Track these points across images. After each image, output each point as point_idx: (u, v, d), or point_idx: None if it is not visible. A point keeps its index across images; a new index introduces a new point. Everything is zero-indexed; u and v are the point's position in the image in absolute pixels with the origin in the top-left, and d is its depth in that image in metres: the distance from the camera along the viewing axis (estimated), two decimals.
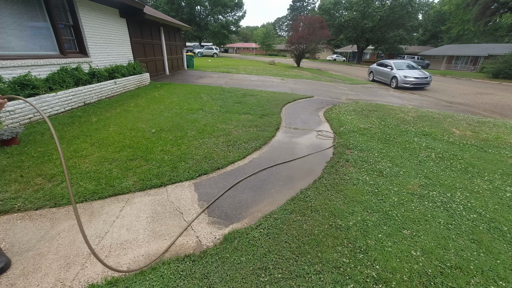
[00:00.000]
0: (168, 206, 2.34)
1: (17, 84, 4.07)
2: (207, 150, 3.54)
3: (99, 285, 1.53)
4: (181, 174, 2.87)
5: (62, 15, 5.51)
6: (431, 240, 2.02)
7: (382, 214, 2.32)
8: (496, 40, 31.37)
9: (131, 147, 3.44)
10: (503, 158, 3.78)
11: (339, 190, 2.69)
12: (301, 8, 61.86)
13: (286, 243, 1.92)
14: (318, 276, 1.65)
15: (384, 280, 1.63)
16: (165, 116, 4.97)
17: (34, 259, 1.69)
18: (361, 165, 3.32)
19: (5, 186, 2.42)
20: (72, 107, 5.07)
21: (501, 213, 2.41)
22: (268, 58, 39.07)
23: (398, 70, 12.39)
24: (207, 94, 7.41)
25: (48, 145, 3.34)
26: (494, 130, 5.27)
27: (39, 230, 1.95)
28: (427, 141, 4.39)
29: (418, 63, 30.21)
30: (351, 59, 46.28)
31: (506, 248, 1.97)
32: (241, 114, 5.49)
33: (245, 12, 41.42)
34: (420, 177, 3.06)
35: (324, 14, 34.22)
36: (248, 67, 18.65)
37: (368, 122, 5.39)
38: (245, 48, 65.68)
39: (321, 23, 21.44)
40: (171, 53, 12.17)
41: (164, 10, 32.90)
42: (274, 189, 2.73)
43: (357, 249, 1.89)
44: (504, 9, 20.97)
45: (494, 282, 1.66)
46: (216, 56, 33.61)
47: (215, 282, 1.57)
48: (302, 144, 4.10)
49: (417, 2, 32.73)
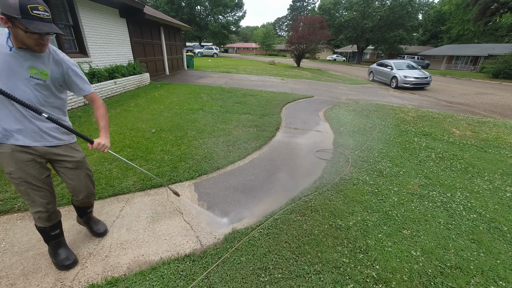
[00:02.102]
0: (168, 206, 2.34)
1: None
2: (207, 150, 3.54)
3: (99, 285, 1.52)
4: (181, 174, 2.87)
5: (62, 15, 5.51)
6: (431, 240, 2.02)
7: (382, 214, 2.32)
8: (496, 40, 31.36)
9: (131, 147, 3.44)
10: (503, 158, 3.78)
11: (339, 190, 2.69)
12: (301, 8, 61.89)
13: (286, 243, 1.92)
14: (318, 276, 1.65)
15: (384, 280, 1.63)
16: (165, 116, 4.97)
17: (34, 259, 1.69)
18: (361, 165, 3.32)
19: (5, 186, 2.42)
20: (72, 107, 5.07)
21: (501, 213, 2.41)
22: (268, 58, 39.08)
23: (398, 70, 12.39)
24: (207, 94, 7.41)
25: None
26: (494, 130, 5.27)
27: None
28: (427, 141, 4.39)
29: (418, 63, 30.19)
30: (351, 59, 46.28)
31: (506, 248, 1.97)
32: (241, 114, 5.49)
33: (245, 12, 41.48)
34: (420, 177, 3.06)
35: (324, 14, 34.22)
36: (248, 67, 18.65)
37: (368, 122, 5.39)
38: (245, 48, 65.71)
39: (321, 23, 21.45)
40: (171, 53, 12.17)
41: (164, 10, 32.92)
42: (274, 189, 2.73)
43: (357, 249, 1.89)
44: (504, 9, 20.95)
45: (494, 282, 1.66)
46: (216, 56, 33.61)
47: (215, 282, 1.57)
48: (302, 144, 4.10)
49: (417, 2, 32.72)
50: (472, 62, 28.62)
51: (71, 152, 1.48)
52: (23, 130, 1.29)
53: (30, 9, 1.07)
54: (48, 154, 1.39)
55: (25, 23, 1.07)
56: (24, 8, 1.06)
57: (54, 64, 1.31)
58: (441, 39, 41.01)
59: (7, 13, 1.06)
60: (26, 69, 1.21)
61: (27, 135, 1.30)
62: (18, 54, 1.19)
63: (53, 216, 1.51)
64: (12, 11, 1.05)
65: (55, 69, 1.31)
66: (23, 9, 1.06)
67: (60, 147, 1.43)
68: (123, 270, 1.65)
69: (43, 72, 1.26)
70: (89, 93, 1.47)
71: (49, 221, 1.49)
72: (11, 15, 1.06)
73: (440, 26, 40.06)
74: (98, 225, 1.93)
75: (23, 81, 1.22)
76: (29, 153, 1.33)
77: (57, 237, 1.60)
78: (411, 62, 13.49)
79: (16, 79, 1.20)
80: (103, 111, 1.54)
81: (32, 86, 1.25)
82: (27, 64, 1.21)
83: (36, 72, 1.24)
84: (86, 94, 1.46)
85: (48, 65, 1.28)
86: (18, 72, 1.20)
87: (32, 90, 1.25)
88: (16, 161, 1.30)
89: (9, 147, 1.29)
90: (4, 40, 1.18)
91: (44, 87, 1.29)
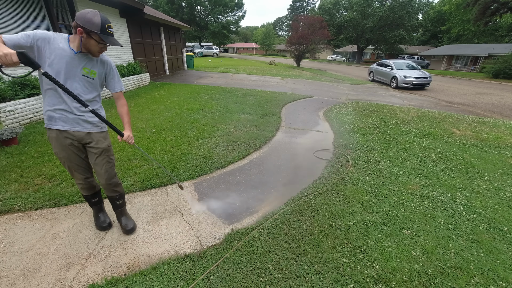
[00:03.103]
0: (168, 206, 2.34)
1: (17, 84, 4.07)
2: (207, 150, 3.54)
3: (99, 285, 1.52)
4: (181, 174, 2.87)
5: (62, 15, 5.52)
6: (431, 240, 2.02)
7: (382, 214, 2.32)
8: (496, 40, 31.35)
9: (131, 147, 3.44)
10: (503, 158, 3.78)
11: (339, 190, 2.69)
12: (301, 8, 61.85)
13: (286, 243, 1.92)
14: (318, 276, 1.65)
15: (384, 280, 1.63)
16: (165, 116, 4.97)
17: (34, 259, 1.69)
18: (361, 165, 3.32)
19: (5, 186, 2.42)
20: None
21: (501, 213, 2.41)
22: (268, 58, 39.05)
23: (398, 70, 12.39)
24: (207, 94, 7.41)
25: (48, 145, 3.34)
26: (494, 130, 5.27)
27: (39, 230, 1.95)
28: (427, 141, 4.39)
29: (418, 63, 30.19)
30: (351, 59, 46.28)
31: (506, 248, 1.97)
32: (241, 114, 5.49)
33: (245, 12, 41.47)
34: (420, 177, 3.06)
35: (324, 14, 34.22)
36: (248, 67, 18.65)
37: (368, 122, 5.39)
38: (245, 48, 65.67)
39: (321, 23, 21.43)
40: (171, 53, 12.17)
41: (164, 10, 32.90)
42: (274, 189, 2.73)
43: (357, 249, 1.89)
44: (504, 9, 20.95)
45: (494, 282, 1.66)
46: (216, 56, 33.60)
47: (215, 282, 1.57)
48: (302, 144, 4.10)
49: (417, 2, 32.73)
50: (472, 62, 28.61)
51: (99, 139, 1.69)
52: (65, 118, 1.54)
53: (107, 27, 1.42)
54: (83, 139, 1.63)
55: (102, 37, 1.41)
56: (103, 26, 1.40)
57: (100, 65, 1.59)
58: (441, 39, 41.00)
59: (88, 28, 1.36)
60: (80, 69, 1.49)
61: (68, 122, 1.55)
62: (77, 57, 1.47)
63: (91, 187, 1.85)
64: (94, 28, 1.37)
65: (101, 69, 1.60)
66: (103, 27, 1.40)
67: (92, 133, 1.65)
68: (123, 270, 1.65)
69: (93, 72, 1.55)
70: (120, 90, 1.74)
71: (88, 191, 1.85)
72: (92, 30, 1.37)
73: (440, 26, 40.05)
74: (128, 221, 2.01)
75: (77, 78, 1.49)
76: (68, 138, 1.59)
77: (97, 203, 1.97)
78: (411, 62, 13.49)
79: (73, 76, 1.48)
80: (127, 108, 1.79)
81: (82, 83, 1.52)
82: (82, 65, 1.49)
83: (88, 71, 1.52)
84: (118, 91, 1.73)
85: (96, 65, 1.56)
86: (75, 71, 1.48)
87: (81, 86, 1.52)
88: (60, 144, 1.59)
89: (55, 132, 1.57)
90: (66, 45, 1.44)
91: (91, 84, 1.57)
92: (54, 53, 1.40)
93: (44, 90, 1.48)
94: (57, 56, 1.40)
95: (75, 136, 1.60)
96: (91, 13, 1.38)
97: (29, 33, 1.35)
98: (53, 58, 1.40)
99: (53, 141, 1.60)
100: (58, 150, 1.62)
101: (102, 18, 1.40)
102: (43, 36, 1.38)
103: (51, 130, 1.57)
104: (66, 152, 1.62)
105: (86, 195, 1.88)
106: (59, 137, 1.57)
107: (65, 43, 1.44)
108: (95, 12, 1.39)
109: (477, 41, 33.85)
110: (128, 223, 1.99)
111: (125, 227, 1.96)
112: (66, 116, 1.53)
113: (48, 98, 1.49)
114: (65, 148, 1.61)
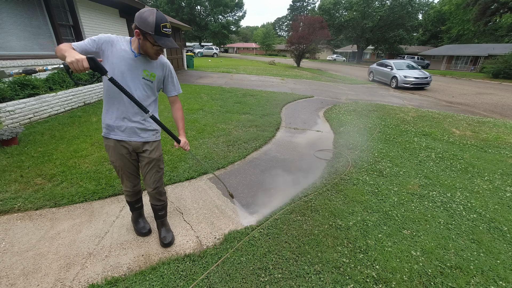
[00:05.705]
0: (168, 206, 2.33)
1: (17, 84, 4.07)
2: (207, 150, 3.54)
3: (99, 285, 1.52)
4: (181, 174, 2.87)
5: (62, 15, 5.52)
6: (431, 240, 2.02)
7: (382, 214, 2.32)
8: (496, 40, 31.35)
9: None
10: (503, 158, 3.78)
11: (339, 190, 2.69)
12: (301, 8, 61.84)
13: (286, 243, 1.92)
14: (318, 276, 1.65)
15: (384, 280, 1.63)
16: (165, 116, 4.97)
17: (34, 259, 1.69)
18: (361, 165, 3.32)
19: (5, 186, 2.42)
20: (72, 107, 5.07)
21: (501, 213, 2.41)
22: (268, 58, 39.06)
23: (398, 70, 12.39)
24: (207, 94, 7.41)
25: (48, 145, 3.34)
26: (494, 130, 5.27)
27: (39, 230, 1.95)
28: (427, 141, 4.39)
29: (418, 63, 30.19)
30: (351, 59, 46.29)
31: (506, 248, 1.97)
32: (241, 114, 5.49)
33: (245, 12, 41.49)
34: (420, 177, 3.06)
35: (324, 14, 34.21)
36: (248, 67, 18.65)
37: (368, 122, 5.39)
38: (245, 48, 65.69)
39: (321, 23, 21.44)
40: (171, 53, 12.18)
41: (164, 10, 32.91)
42: (274, 189, 2.73)
43: (357, 249, 1.89)
44: (504, 9, 20.96)
45: (494, 282, 1.66)
46: (216, 56, 33.60)
47: (215, 282, 1.57)
48: (302, 144, 4.10)
49: (417, 2, 32.74)
50: (472, 62, 28.62)
51: (151, 149, 1.65)
52: (123, 127, 1.52)
53: (162, 27, 1.28)
54: (138, 148, 1.62)
55: (156, 38, 1.29)
56: (158, 27, 1.27)
57: (159, 67, 1.52)
58: (441, 39, 40.99)
59: (143, 29, 1.27)
60: (141, 72, 1.45)
61: (125, 131, 1.53)
62: (138, 59, 1.42)
63: (136, 194, 1.86)
64: (149, 29, 1.26)
65: (160, 71, 1.53)
66: (157, 27, 1.27)
67: (146, 143, 1.63)
68: (123, 270, 1.65)
69: (152, 74, 1.50)
70: (178, 93, 1.68)
71: (133, 198, 1.87)
72: (146, 31, 1.27)
73: (440, 26, 40.05)
74: (167, 234, 1.92)
75: (136, 82, 1.45)
76: (125, 147, 1.58)
77: (138, 209, 1.98)
78: (411, 62, 13.49)
79: (135, 80, 1.44)
80: (182, 113, 1.75)
81: (142, 86, 1.48)
82: (142, 67, 1.44)
83: (147, 74, 1.47)
84: (175, 94, 1.66)
85: (155, 68, 1.50)
86: (136, 74, 1.44)
87: (141, 89, 1.48)
88: (117, 153, 1.59)
89: (113, 141, 1.56)
90: (128, 47, 1.41)
91: (149, 87, 1.52)
92: (117, 55, 1.38)
93: (105, 96, 1.47)
94: (119, 58, 1.38)
95: (131, 145, 1.58)
96: (147, 12, 1.27)
97: (94, 38, 1.35)
98: (116, 61, 1.38)
99: (110, 150, 1.59)
100: (114, 159, 1.62)
101: (158, 17, 1.27)
102: (107, 39, 1.37)
103: (109, 140, 1.56)
104: (122, 161, 1.62)
105: (130, 201, 1.88)
106: (117, 146, 1.56)
107: (127, 45, 1.41)
108: (151, 10, 1.27)
109: (477, 41, 33.85)
110: (167, 235, 1.90)
111: (163, 240, 1.87)
112: (125, 125, 1.51)
113: (107, 105, 1.48)
114: (122, 157, 1.61)
